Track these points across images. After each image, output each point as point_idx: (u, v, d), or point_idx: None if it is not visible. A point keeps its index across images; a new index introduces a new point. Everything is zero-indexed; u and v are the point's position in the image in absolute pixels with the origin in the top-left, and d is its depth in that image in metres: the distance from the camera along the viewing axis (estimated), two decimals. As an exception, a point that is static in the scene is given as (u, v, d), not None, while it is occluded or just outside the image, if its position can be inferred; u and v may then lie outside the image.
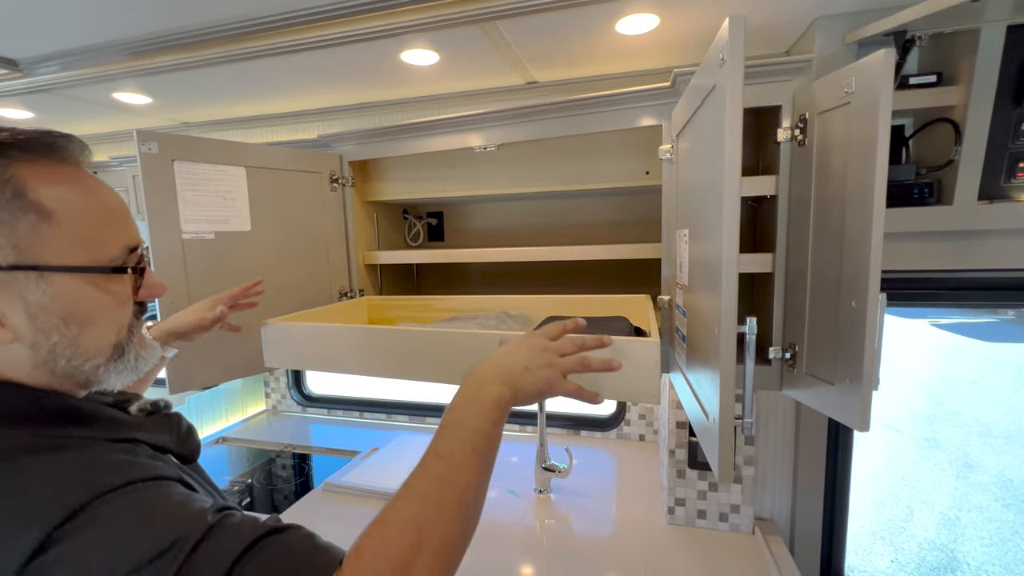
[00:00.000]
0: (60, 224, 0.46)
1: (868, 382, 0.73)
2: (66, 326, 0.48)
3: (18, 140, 0.46)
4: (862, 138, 0.71)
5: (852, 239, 0.74)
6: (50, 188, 0.46)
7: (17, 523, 0.39)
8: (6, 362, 0.47)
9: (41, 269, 0.45)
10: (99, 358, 0.51)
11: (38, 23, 0.93)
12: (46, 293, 0.46)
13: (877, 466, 4.92)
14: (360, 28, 0.96)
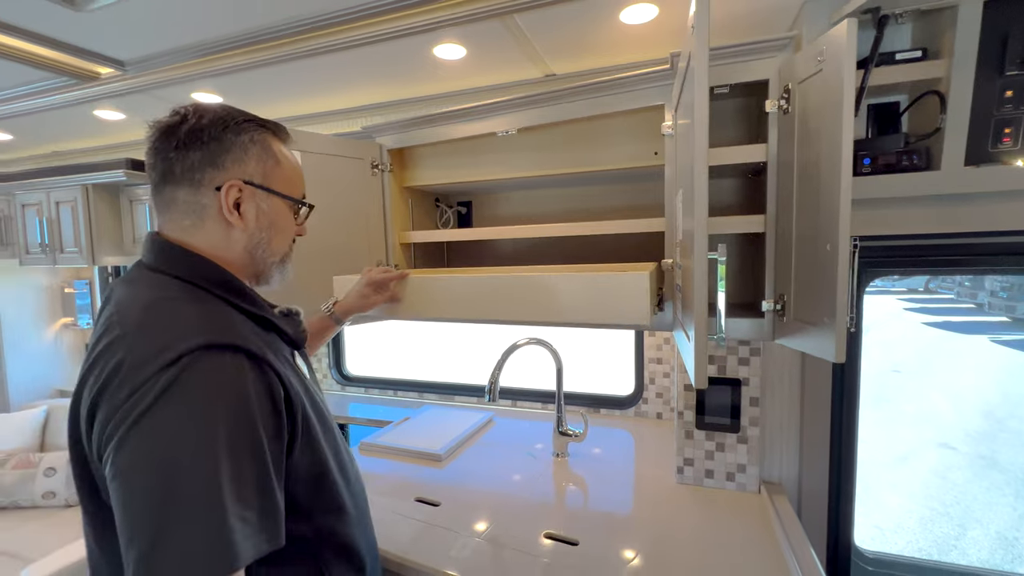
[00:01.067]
0: (283, 169, 0.76)
1: (841, 317, 0.80)
2: (269, 229, 0.75)
3: (265, 122, 0.76)
4: (831, 97, 0.80)
5: (826, 189, 0.83)
6: (279, 148, 0.77)
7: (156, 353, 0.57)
8: (232, 242, 0.73)
9: (271, 191, 0.74)
10: (275, 258, 0.78)
11: (142, 27, 1.14)
12: (269, 205, 0.75)
13: (928, 483, 4.70)
14: (398, 25, 1.13)
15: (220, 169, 0.70)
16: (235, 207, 0.71)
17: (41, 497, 2.10)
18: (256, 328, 0.70)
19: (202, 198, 0.70)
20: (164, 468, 0.54)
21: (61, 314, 2.86)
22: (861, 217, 1.10)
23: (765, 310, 1.03)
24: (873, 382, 7.30)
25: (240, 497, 0.56)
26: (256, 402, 0.60)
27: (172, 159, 0.69)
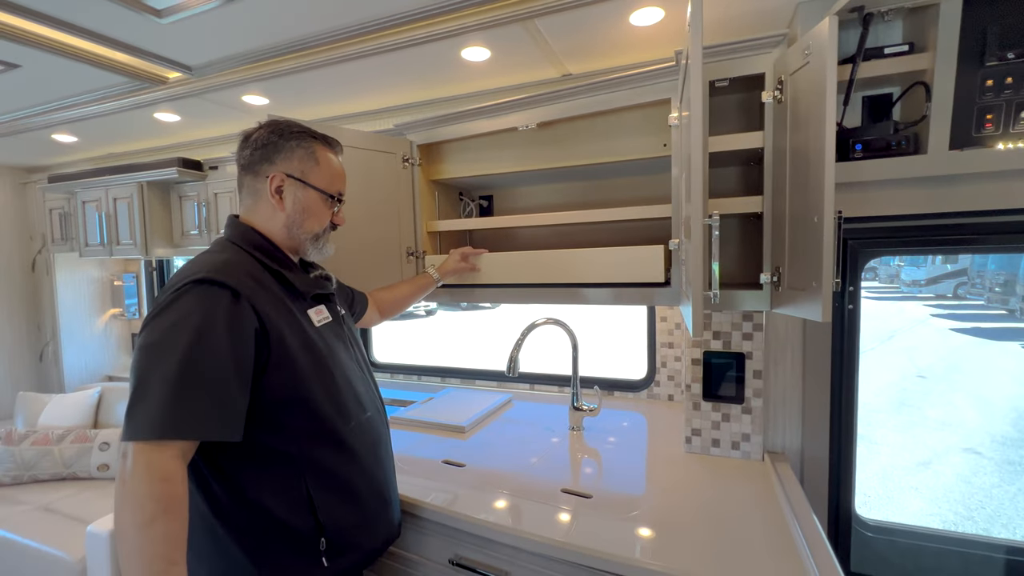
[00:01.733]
0: (321, 169, 0.99)
1: (827, 280, 0.90)
2: (303, 213, 0.98)
3: (316, 134, 1.01)
4: (817, 86, 0.90)
5: (814, 168, 0.93)
6: (324, 154, 1.00)
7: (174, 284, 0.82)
8: (275, 219, 0.97)
9: (307, 184, 0.98)
10: (308, 235, 1.00)
11: (209, 35, 1.30)
12: (304, 195, 0.98)
13: (952, 487, 4.64)
14: (430, 31, 1.27)
15: (271, 164, 0.96)
16: (277, 192, 0.96)
17: (96, 469, 2.29)
18: (271, 279, 0.92)
19: (258, 183, 0.97)
20: (144, 355, 0.77)
21: (111, 305, 3.07)
22: (854, 199, 1.19)
23: (763, 282, 1.13)
24: (896, 388, 7.18)
25: (192, 385, 0.75)
26: (223, 322, 0.80)
27: (246, 155, 0.97)
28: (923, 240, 1.25)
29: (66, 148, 2.46)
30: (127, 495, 0.72)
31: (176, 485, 0.74)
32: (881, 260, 15.14)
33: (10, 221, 2.91)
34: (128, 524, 0.71)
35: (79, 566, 1.69)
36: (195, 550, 0.86)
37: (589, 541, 1.02)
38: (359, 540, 0.97)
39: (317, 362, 0.92)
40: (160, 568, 0.70)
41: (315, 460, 0.90)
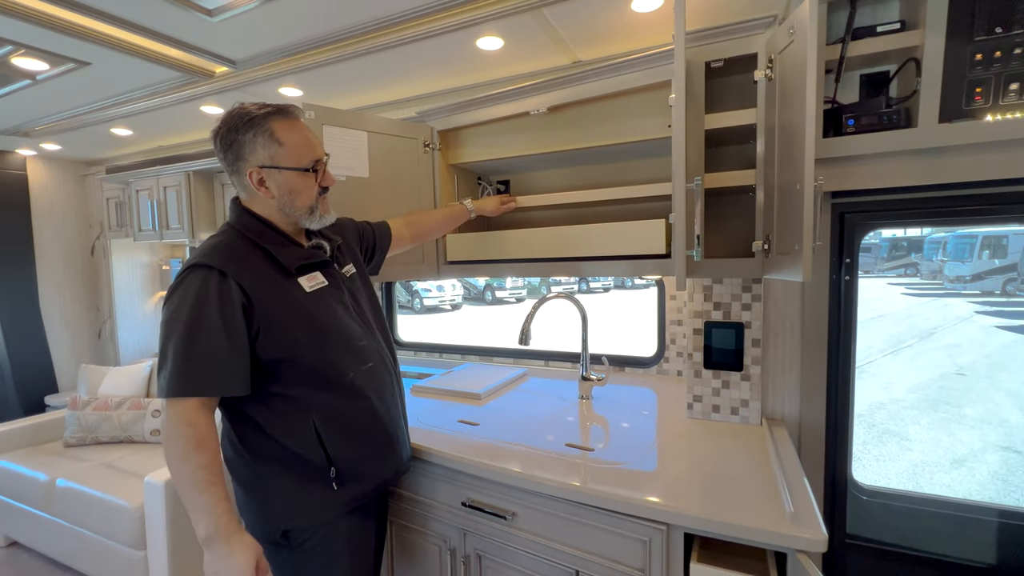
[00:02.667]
0: (286, 148, 1.04)
1: (807, 243, 0.97)
2: (288, 194, 1.06)
3: (271, 108, 1.04)
4: (801, 64, 0.97)
5: (799, 140, 1.00)
6: (284, 132, 1.04)
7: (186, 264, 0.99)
8: (269, 206, 1.07)
9: (280, 168, 1.04)
10: (302, 210, 1.09)
11: (253, 31, 1.45)
12: (283, 178, 1.05)
13: (987, 484, 4.52)
14: (448, 23, 1.38)
15: (244, 161, 1.03)
16: (260, 184, 1.04)
17: (149, 434, 2.52)
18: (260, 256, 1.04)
19: (243, 180, 1.05)
20: (162, 331, 0.96)
21: (159, 288, 3.33)
22: (849, 172, 1.25)
23: (755, 250, 1.21)
24: (934, 385, 6.95)
25: (191, 355, 0.93)
26: (214, 300, 0.95)
27: (222, 158, 1.06)
28: (918, 212, 1.30)
29: (121, 141, 2.69)
30: (167, 439, 0.93)
31: (201, 428, 0.93)
32: (923, 256, 14.54)
33: (72, 210, 3.19)
34: (172, 460, 0.93)
35: (138, 512, 1.89)
36: (236, 476, 1.08)
37: (588, 483, 1.12)
38: (366, 471, 1.13)
39: (309, 324, 1.05)
40: (200, 488, 0.91)
41: (319, 403, 1.06)
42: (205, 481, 0.91)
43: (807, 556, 0.92)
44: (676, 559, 1.04)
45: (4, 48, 1.48)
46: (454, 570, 1.34)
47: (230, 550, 0.91)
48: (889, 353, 8.17)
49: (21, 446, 2.53)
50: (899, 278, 14.49)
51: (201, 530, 0.91)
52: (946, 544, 1.37)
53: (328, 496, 1.07)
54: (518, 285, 12.55)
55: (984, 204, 1.23)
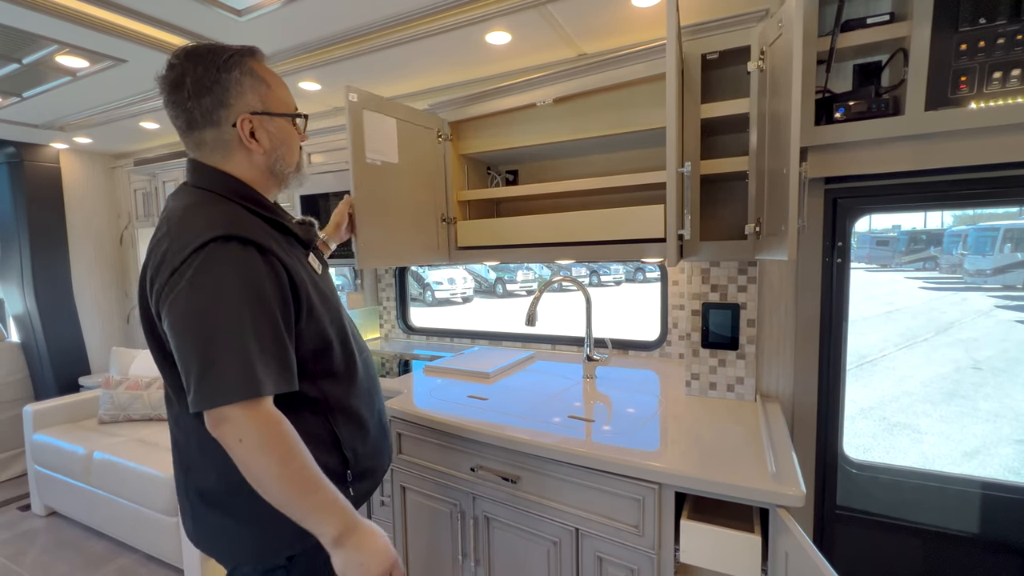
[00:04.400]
0: (274, 90, 0.90)
1: (793, 223, 1.04)
2: (281, 146, 0.91)
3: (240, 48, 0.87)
4: (788, 53, 1.04)
5: (784, 126, 1.06)
6: (266, 72, 0.90)
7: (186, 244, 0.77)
8: (255, 164, 0.89)
9: (272, 114, 0.89)
10: (291, 168, 0.95)
11: (276, 29, 1.55)
12: (275, 126, 0.90)
13: (997, 476, 4.51)
14: (458, 19, 1.46)
15: (228, 107, 0.84)
16: (251, 136, 0.87)
17: (177, 412, 2.66)
18: (270, 230, 0.87)
19: (224, 135, 0.86)
20: (201, 321, 0.74)
21: (184, 276, 3.48)
22: (840, 158, 1.31)
23: (747, 233, 1.28)
24: (948, 379, 6.90)
25: (259, 344, 0.76)
26: (262, 279, 0.79)
27: (190, 108, 0.83)
28: (908, 197, 1.35)
29: (148, 135, 2.82)
30: (254, 449, 0.74)
31: (284, 423, 0.77)
32: (943, 249, 14.28)
33: (102, 201, 3.34)
34: (269, 470, 0.74)
35: (171, 480, 2.03)
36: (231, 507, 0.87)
37: (588, 449, 1.21)
38: (372, 466, 1.02)
39: (328, 307, 0.93)
40: (313, 488, 0.77)
41: (334, 399, 0.93)
42: (315, 478, 0.78)
43: (787, 511, 1.00)
44: (668, 516, 1.12)
45: (50, 47, 1.60)
46: (464, 532, 1.44)
47: (365, 535, 0.81)
48: (904, 347, 8.10)
49: (59, 423, 2.70)
50: (917, 272, 14.25)
51: (330, 530, 0.78)
52: (931, 514, 1.43)
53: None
54: (529, 278, 12.63)
55: (971, 188, 1.28)
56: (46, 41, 1.57)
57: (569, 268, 12.20)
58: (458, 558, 1.47)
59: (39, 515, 2.66)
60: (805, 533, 0.93)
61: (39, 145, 2.97)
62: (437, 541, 1.53)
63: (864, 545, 1.50)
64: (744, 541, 1.05)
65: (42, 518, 2.64)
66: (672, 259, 1.03)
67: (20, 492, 2.90)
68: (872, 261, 15.12)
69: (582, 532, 1.23)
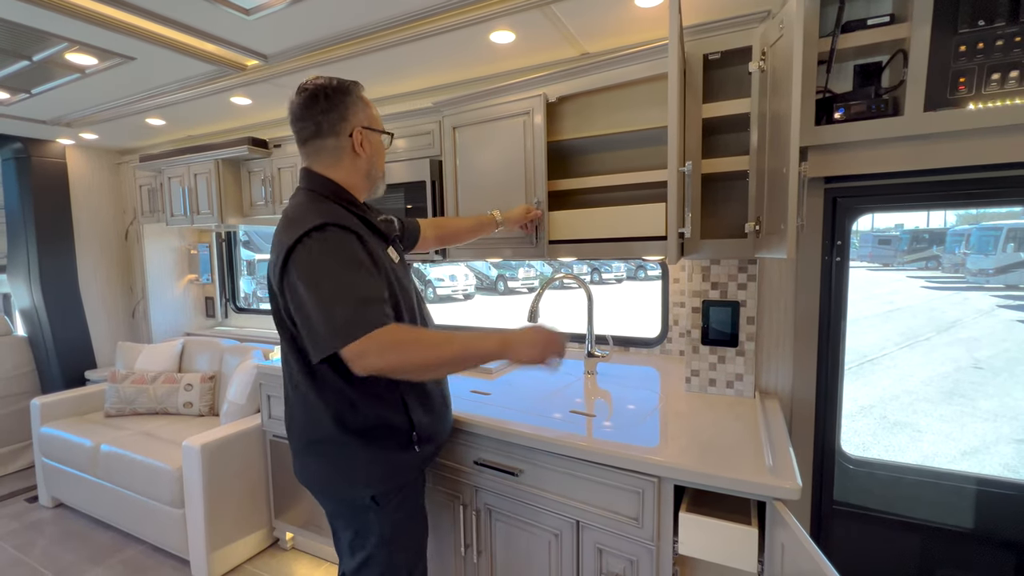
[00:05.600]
0: (371, 112, 1.14)
1: (792, 222, 1.06)
2: (376, 155, 1.15)
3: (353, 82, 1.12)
4: (789, 53, 1.05)
5: (784, 126, 1.08)
6: (366, 98, 1.14)
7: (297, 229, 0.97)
8: (357, 170, 1.12)
9: (374, 130, 1.14)
10: (381, 173, 1.19)
11: (284, 28, 1.57)
12: (373, 139, 1.14)
13: (996, 475, 4.53)
14: (464, 18, 1.48)
15: (347, 121, 1.09)
16: (361, 146, 1.11)
17: (183, 406, 2.70)
18: (359, 224, 1.08)
19: (341, 142, 1.09)
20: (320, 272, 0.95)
21: (188, 271, 3.50)
22: (839, 158, 1.32)
23: (747, 231, 1.29)
24: (949, 379, 6.92)
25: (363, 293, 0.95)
26: (358, 251, 0.99)
27: (320, 120, 1.07)
28: (907, 196, 1.37)
29: (154, 131, 2.84)
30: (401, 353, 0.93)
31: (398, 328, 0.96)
32: (945, 249, 14.26)
33: (108, 196, 3.37)
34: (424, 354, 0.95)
35: (177, 473, 2.06)
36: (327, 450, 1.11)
37: (589, 443, 1.23)
38: (434, 432, 1.22)
39: (403, 292, 1.12)
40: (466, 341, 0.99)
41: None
42: (459, 336, 0.99)
43: (783, 504, 1.02)
44: (666, 509, 1.15)
45: (61, 45, 1.62)
46: (467, 523, 1.47)
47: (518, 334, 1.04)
48: (905, 346, 8.10)
49: (66, 416, 2.73)
50: (920, 271, 14.23)
51: (493, 347, 1.00)
52: (927, 510, 1.45)
53: (409, 458, 1.15)
54: (530, 275, 12.65)
55: (970, 188, 1.29)
56: (56, 39, 1.59)
57: (571, 265, 12.22)
58: (460, 549, 1.49)
59: (46, 506, 2.69)
60: (801, 526, 0.96)
61: (46, 141, 2.99)
62: (440, 532, 1.55)
63: (861, 539, 1.52)
64: (741, 533, 1.07)
65: (49, 509, 2.68)
66: (672, 256, 1.05)
67: (28, 484, 2.94)
68: (874, 260, 15.09)
69: (583, 524, 1.26)
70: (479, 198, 1.85)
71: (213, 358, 2.81)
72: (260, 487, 2.19)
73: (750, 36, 1.27)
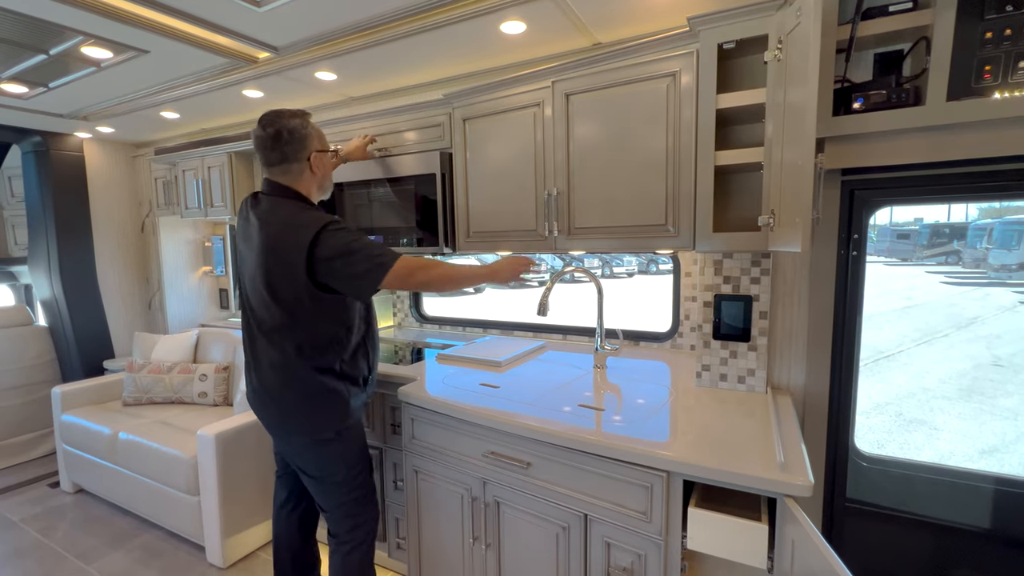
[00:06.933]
0: (321, 136, 1.41)
1: (807, 216, 1.04)
2: (324, 171, 1.42)
3: (307, 111, 1.39)
4: (806, 44, 1.03)
5: (800, 116, 1.06)
6: (316, 126, 1.39)
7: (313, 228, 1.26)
8: (311, 184, 1.40)
9: (324, 151, 1.41)
10: (328, 182, 1.47)
11: (294, 19, 1.57)
12: (323, 159, 1.41)
13: (1015, 474, 4.44)
14: (474, 8, 1.46)
15: (307, 148, 1.36)
16: (316, 164, 1.37)
17: (197, 396, 2.74)
18: None
19: (301, 165, 1.36)
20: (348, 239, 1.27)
21: (202, 263, 3.55)
22: (858, 150, 1.29)
23: (761, 225, 1.27)
24: (968, 376, 6.78)
25: (378, 247, 1.28)
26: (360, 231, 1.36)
27: (286, 150, 1.33)
28: (927, 189, 1.33)
29: (168, 124, 2.88)
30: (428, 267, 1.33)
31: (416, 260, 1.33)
32: (966, 243, 13.92)
33: (124, 189, 3.42)
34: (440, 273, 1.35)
35: (192, 461, 2.10)
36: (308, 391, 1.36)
37: (597, 437, 1.23)
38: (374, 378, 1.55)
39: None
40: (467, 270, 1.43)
41: (370, 333, 1.47)
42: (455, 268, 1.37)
43: (795, 501, 1.01)
44: (675, 504, 1.14)
45: (76, 38, 1.64)
46: (475, 515, 1.48)
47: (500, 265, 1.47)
48: (922, 342, 7.95)
49: (85, 404, 2.79)
50: (939, 266, 13.92)
51: (485, 272, 1.47)
52: (942, 509, 1.43)
53: (363, 398, 1.46)
54: (541, 269, 12.62)
55: (993, 181, 1.26)
56: (72, 32, 1.60)
57: (582, 259, 12.16)
58: (468, 540, 1.50)
59: (67, 492, 2.77)
60: (813, 523, 0.94)
61: (64, 134, 3.04)
62: (448, 524, 1.57)
63: (874, 538, 1.50)
64: (751, 529, 1.06)
65: (70, 495, 2.75)
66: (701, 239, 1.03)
67: (50, 470, 3.02)
68: (892, 255, 14.79)
69: (591, 518, 1.26)
70: (489, 190, 1.84)
71: (227, 349, 2.85)
72: (273, 476, 2.22)
73: (766, 24, 1.23)
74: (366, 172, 2.09)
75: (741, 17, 1.25)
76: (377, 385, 1.89)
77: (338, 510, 1.47)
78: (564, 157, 1.64)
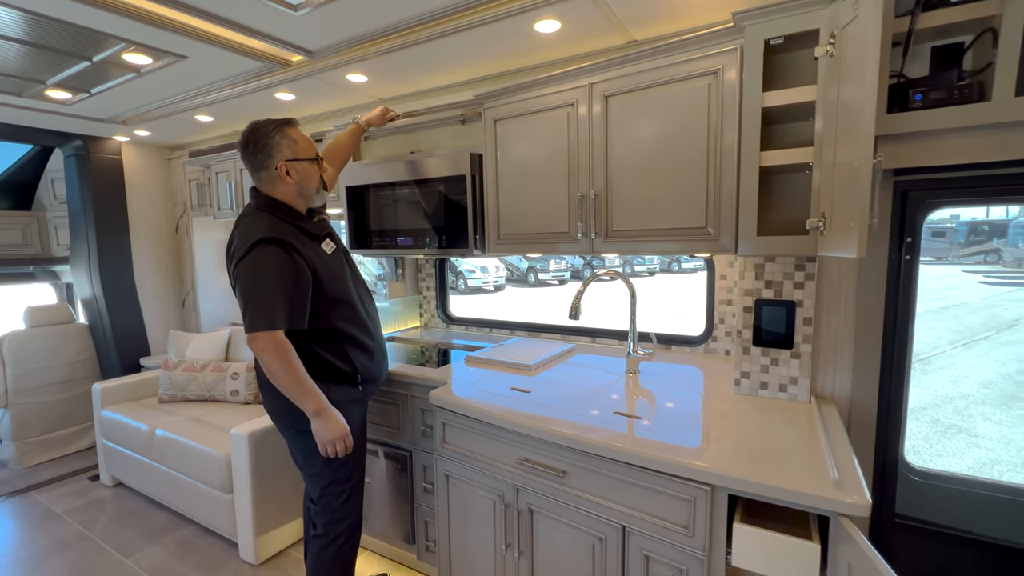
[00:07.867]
0: (299, 144, 1.43)
1: (864, 220, 0.98)
2: (303, 179, 1.45)
3: (281, 121, 1.42)
4: (865, 38, 0.97)
5: (856, 115, 1.00)
6: (295, 134, 1.44)
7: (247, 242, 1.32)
8: (290, 191, 1.44)
9: (298, 160, 1.43)
10: (312, 190, 1.48)
11: (328, 23, 1.57)
12: (300, 167, 1.43)
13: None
14: (508, 8, 1.44)
15: (274, 157, 1.39)
16: (287, 174, 1.41)
17: (229, 394, 2.79)
18: (295, 231, 1.40)
19: (271, 173, 1.41)
20: (250, 282, 1.30)
21: (234, 263, 3.62)
22: (913, 149, 1.22)
23: (810, 228, 1.22)
24: (1010, 381, 6.49)
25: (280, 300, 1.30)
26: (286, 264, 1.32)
27: (255, 160, 1.40)
28: (987, 190, 1.26)
29: (202, 127, 2.93)
30: (273, 355, 1.30)
31: (288, 345, 1.33)
32: (1007, 242, 13.30)
33: (159, 191, 3.51)
34: (281, 370, 1.32)
35: (226, 459, 2.13)
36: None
37: (636, 447, 1.19)
38: (374, 375, 1.61)
39: (332, 279, 1.45)
40: (304, 379, 1.35)
41: (345, 332, 1.49)
42: (303, 378, 1.35)
43: (851, 520, 0.96)
44: (720, 519, 1.10)
45: (118, 45, 1.68)
46: (508, 522, 1.46)
47: (329, 414, 1.38)
48: (960, 345, 7.64)
49: (123, 400, 2.88)
50: (977, 265, 13.33)
51: (312, 404, 1.36)
52: (1002, 528, 1.35)
53: (353, 394, 1.53)
54: (561, 267, 12.55)
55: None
56: (114, 40, 1.64)
57: (603, 258, 12.04)
58: (501, 547, 1.49)
59: (107, 485, 2.86)
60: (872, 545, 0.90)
61: (103, 138, 3.13)
62: (480, 530, 1.55)
63: (926, 557, 1.43)
64: (803, 549, 1.02)
65: (109, 488, 2.84)
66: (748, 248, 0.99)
67: (90, 463, 3.12)
68: (926, 253, 14.22)
69: (629, 529, 1.22)
70: (520, 191, 1.82)
71: (258, 348, 2.89)
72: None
73: (816, 18, 1.18)
74: (393, 174, 2.09)
75: (790, 11, 1.20)
76: (406, 387, 1.89)
77: (319, 501, 1.55)
78: (602, 157, 1.61)
